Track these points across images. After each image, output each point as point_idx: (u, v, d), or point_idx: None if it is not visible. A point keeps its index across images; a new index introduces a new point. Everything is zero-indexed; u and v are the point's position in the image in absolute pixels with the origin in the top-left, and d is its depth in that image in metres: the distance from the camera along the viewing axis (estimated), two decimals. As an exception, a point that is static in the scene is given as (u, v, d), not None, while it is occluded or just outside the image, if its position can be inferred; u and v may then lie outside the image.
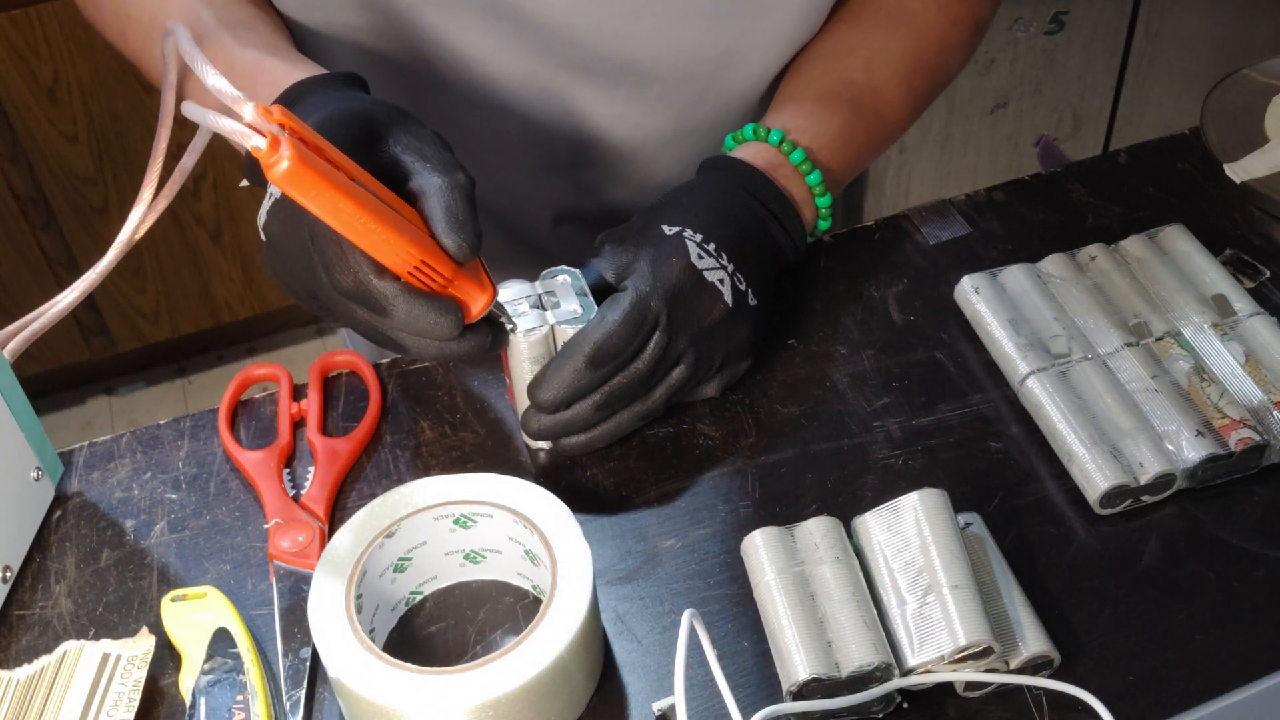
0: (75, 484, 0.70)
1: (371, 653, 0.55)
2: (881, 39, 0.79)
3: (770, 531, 0.61)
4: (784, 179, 0.73)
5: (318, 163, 0.54)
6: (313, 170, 0.53)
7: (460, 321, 0.59)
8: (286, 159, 0.52)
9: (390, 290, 0.57)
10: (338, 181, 0.54)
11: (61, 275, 1.89)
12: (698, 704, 0.58)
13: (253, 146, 0.52)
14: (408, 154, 0.59)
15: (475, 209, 0.59)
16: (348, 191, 0.54)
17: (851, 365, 0.73)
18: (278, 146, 0.52)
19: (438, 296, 0.59)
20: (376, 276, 0.57)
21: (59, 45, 1.68)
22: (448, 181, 0.58)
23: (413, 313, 0.58)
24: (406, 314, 0.58)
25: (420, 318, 0.58)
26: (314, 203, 0.54)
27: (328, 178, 0.54)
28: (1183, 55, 1.85)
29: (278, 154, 0.52)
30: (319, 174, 0.53)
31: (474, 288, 0.60)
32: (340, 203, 0.54)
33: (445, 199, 0.58)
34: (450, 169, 0.59)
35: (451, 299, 0.59)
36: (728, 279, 0.68)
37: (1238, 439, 0.64)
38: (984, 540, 0.61)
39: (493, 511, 0.61)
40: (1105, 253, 0.75)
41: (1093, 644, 0.59)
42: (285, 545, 0.65)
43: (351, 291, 0.58)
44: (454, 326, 0.59)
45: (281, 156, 0.52)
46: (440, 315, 0.58)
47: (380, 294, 0.58)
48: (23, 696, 0.58)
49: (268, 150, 0.52)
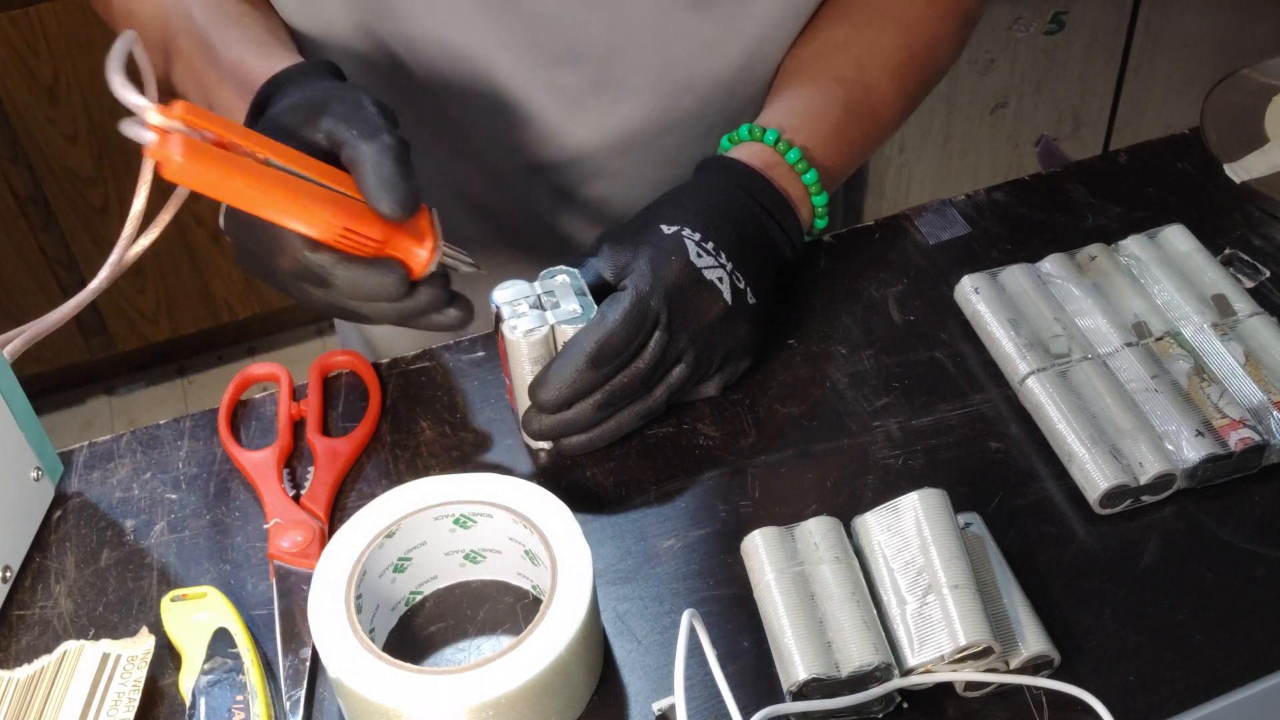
0: (75, 484, 0.70)
1: (371, 653, 0.55)
2: (872, 35, 0.79)
3: (770, 531, 0.61)
4: (780, 178, 0.73)
5: (212, 152, 0.56)
6: (204, 160, 0.55)
7: (404, 279, 0.61)
8: (176, 155, 0.55)
9: (326, 261, 0.59)
10: (238, 166, 0.56)
11: (61, 275, 1.89)
12: (698, 704, 0.58)
13: (145, 146, 0.55)
14: (339, 127, 0.61)
15: (408, 167, 0.60)
16: (251, 173, 0.56)
17: (851, 365, 0.73)
18: (166, 144, 0.55)
19: (376, 259, 0.60)
20: (310, 250, 0.59)
21: (59, 45, 1.68)
22: (373, 146, 0.59)
23: (353, 279, 0.60)
24: (348, 281, 0.60)
25: (362, 282, 0.60)
26: (212, 190, 0.56)
27: (224, 164, 0.56)
28: (1183, 55, 1.85)
29: (165, 151, 0.55)
30: (212, 162, 0.56)
31: (413, 243, 0.61)
32: (243, 185, 0.56)
33: (371, 163, 0.59)
34: (375, 132, 0.60)
35: (390, 259, 0.61)
36: (726, 277, 0.68)
37: (1238, 439, 0.64)
38: (984, 540, 0.61)
39: (493, 511, 0.61)
40: (1105, 253, 0.75)
41: (1093, 644, 0.59)
42: (285, 545, 0.65)
43: (293, 270, 0.60)
44: (398, 284, 0.61)
45: (170, 153, 0.55)
46: (382, 276, 0.60)
47: (318, 266, 0.59)
48: (23, 696, 0.58)
49: (157, 148, 0.55)
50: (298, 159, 0.59)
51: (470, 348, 0.75)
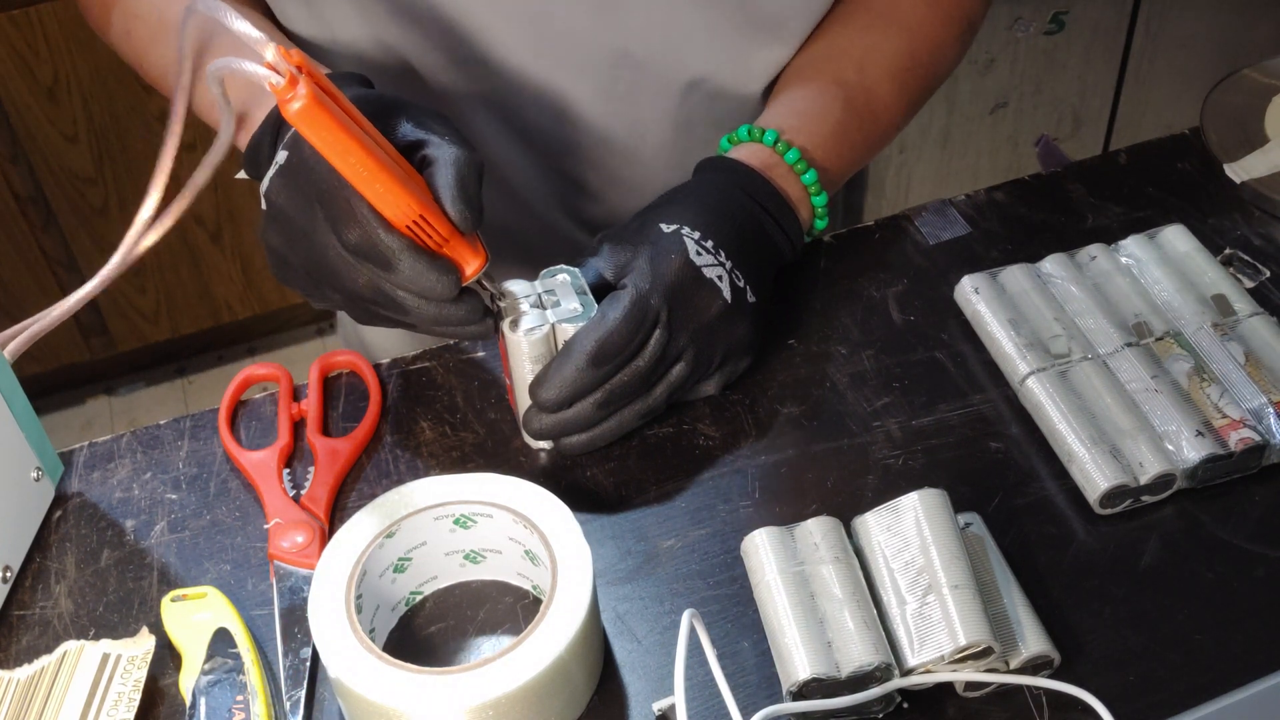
0: (75, 484, 0.70)
1: (371, 653, 0.55)
2: (874, 39, 0.79)
3: (770, 531, 0.61)
4: (779, 178, 0.73)
5: (331, 105, 0.56)
6: (326, 110, 0.55)
7: (458, 282, 0.61)
8: (302, 97, 0.54)
9: (397, 244, 0.59)
10: (348, 125, 0.56)
11: (61, 275, 1.89)
12: (698, 704, 0.58)
13: (271, 84, 0.54)
14: (421, 128, 0.61)
15: (481, 184, 0.60)
16: (356, 137, 0.56)
17: (851, 365, 0.73)
18: (295, 85, 0.54)
19: (438, 255, 0.60)
20: (384, 230, 0.59)
21: (59, 45, 1.68)
22: (462, 153, 0.60)
23: (416, 268, 0.59)
24: (411, 269, 0.59)
25: (423, 274, 0.60)
26: (325, 143, 0.56)
27: (339, 120, 0.56)
28: (1183, 55, 1.85)
29: (294, 91, 0.55)
30: (331, 115, 0.55)
31: (468, 251, 0.61)
32: (350, 146, 0.56)
33: (458, 167, 0.59)
34: (465, 143, 0.61)
35: (450, 260, 0.61)
36: (726, 276, 0.68)
37: (1238, 439, 0.64)
38: (984, 540, 0.61)
39: (493, 511, 0.61)
40: (1105, 253, 0.75)
41: (1093, 644, 0.59)
42: (285, 545, 0.65)
43: (358, 245, 0.59)
44: (452, 286, 0.61)
45: (298, 94, 0.54)
46: (441, 274, 0.60)
47: (388, 247, 0.59)
48: (23, 696, 0.58)
49: (285, 87, 0.54)
50: (375, 134, 0.59)
51: (470, 348, 0.75)
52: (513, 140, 0.82)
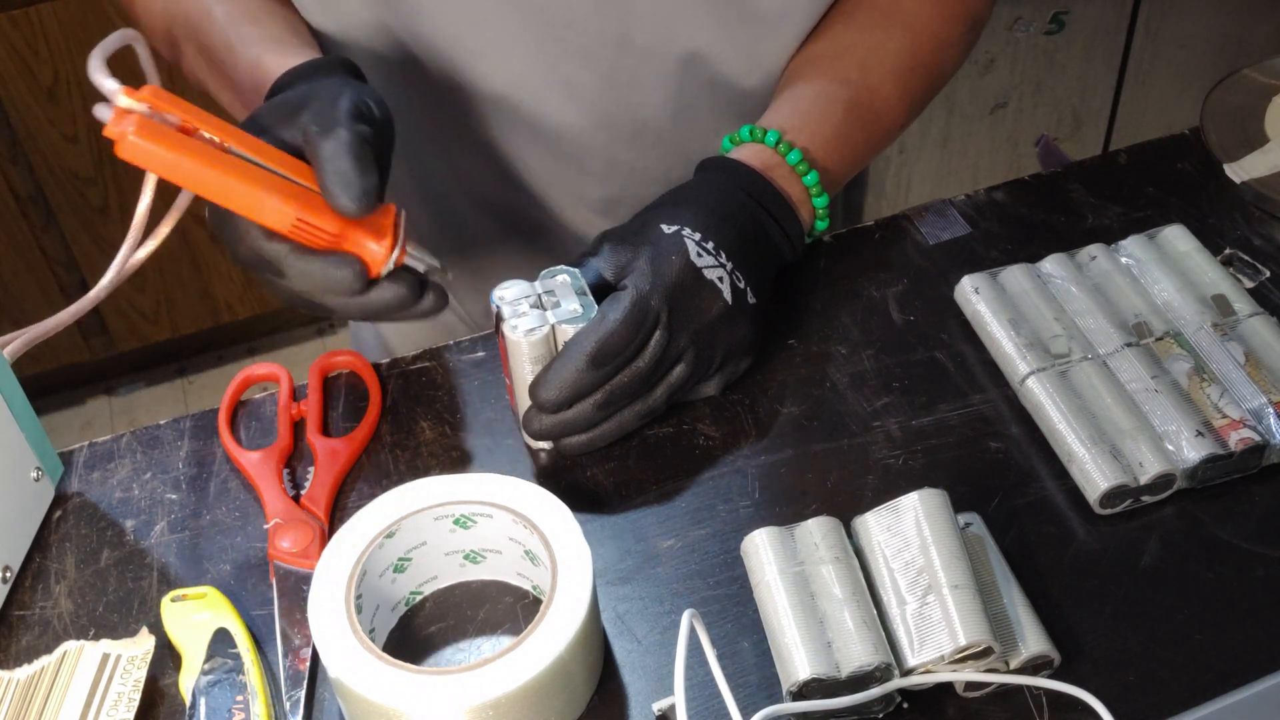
0: (75, 484, 0.70)
1: (371, 653, 0.55)
2: (877, 38, 0.79)
3: (770, 531, 0.61)
4: (781, 179, 0.73)
5: (167, 134, 0.56)
6: (157, 140, 0.56)
7: (359, 274, 0.61)
8: (129, 132, 0.56)
9: (280, 250, 0.59)
10: (192, 149, 0.57)
11: (61, 275, 1.89)
12: (698, 704, 0.58)
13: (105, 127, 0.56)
14: (311, 123, 0.61)
15: (366, 164, 0.59)
16: (206, 157, 0.57)
17: (851, 365, 0.73)
18: (121, 122, 0.56)
19: (330, 253, 0.60)
20: (266, 239, 0.59)
21: (59, 45, 1.68)
22: (329, 140, 0.59)
23: (306, 269, 0.60)
24: (300, 271, 0.60)
25: (314, 274, 0.60)
26: (164, 170, 0.57)
27: (177, 146, 0.56)
28: (1183, 55, 1.85)
29: (120, 128, 0.56)
30: (165, 143, 0.56)
31: (371, 240, 0.61)
32: (194, 168, 0.57)
33: (327, 157, 0.59)
34: (333, 127, 0.60)
35: (346, 253, 0.61)
36: (726, 277, 0.68)
37: (1238, 439, 0.64)
38: (984, 540, 0.61)
39: (493, 511, 0.61)
40: (1105, 253, 0.75)
41: (1093, 644, 0.59)
42: (285, 545, 0.65)
43: (249, 258, 0.60)
44: (353, 279, 0.60)
45: (124, 130, 0.56)
46: (335, 269, 0.60)
47: (272, 255, 0.59)
48: (23, 696, 0.58)
49: (113, 125, 0.56)
50: (264, 150, 0.59)
51: (470, 348, 0.75)
52: (516, 127, 0.82)
